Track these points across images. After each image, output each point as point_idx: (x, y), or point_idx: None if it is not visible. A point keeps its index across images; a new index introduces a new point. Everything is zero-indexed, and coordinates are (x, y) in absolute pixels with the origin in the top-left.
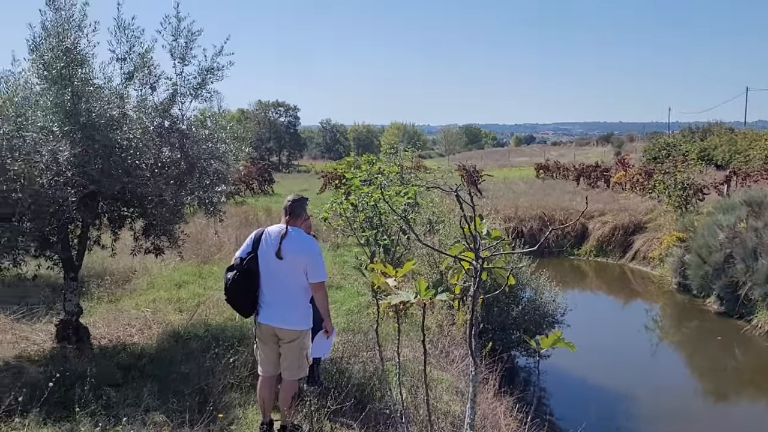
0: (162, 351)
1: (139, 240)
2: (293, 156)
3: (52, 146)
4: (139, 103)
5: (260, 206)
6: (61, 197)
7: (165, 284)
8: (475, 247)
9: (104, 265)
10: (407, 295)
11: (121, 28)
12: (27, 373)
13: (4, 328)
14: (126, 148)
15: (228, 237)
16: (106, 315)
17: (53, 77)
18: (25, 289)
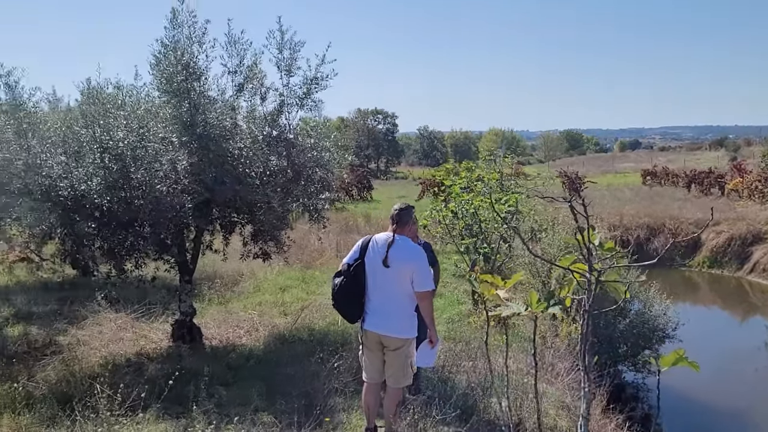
0: (269, 353)
1: (248, 245)
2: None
3: (171, 156)
4: (248, 114)
5: (359, 213)
6: (179, 204)
7: (270, 288)
8: (589, 259)
9: (214, 268)
10: (518, 306)
11: (231, 43)
12: (146, 369)
13: (125, 326)
14: (237, 157)
15: (329, 243)
16: (217, 316)
17: (173, 90)
18: (144, 289)
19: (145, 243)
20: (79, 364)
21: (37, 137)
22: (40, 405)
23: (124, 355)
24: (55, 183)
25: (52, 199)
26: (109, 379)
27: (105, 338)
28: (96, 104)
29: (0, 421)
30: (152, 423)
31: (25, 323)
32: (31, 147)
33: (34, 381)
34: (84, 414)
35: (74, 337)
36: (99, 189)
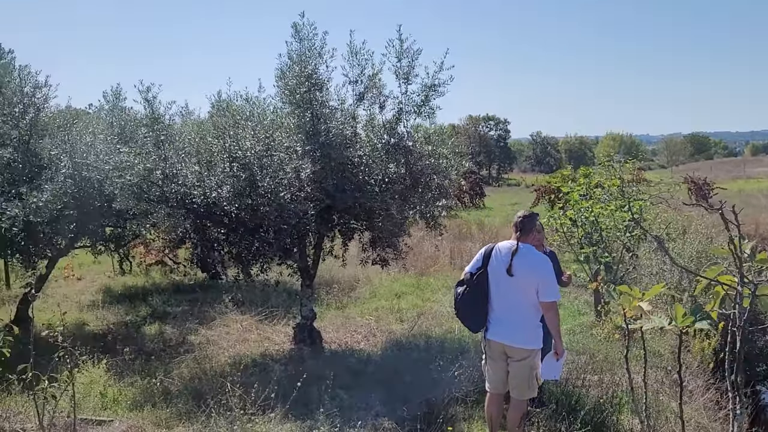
0: (386, 359)
1: (366, 251)
2: (503, 169)
3: (295, 164)
4: (367, 123)
5: (472, 220)
6: (302, 211)
7: (386, 294)
8: (740, 270)
9: (331, 274)
10: (660, 320)
11: (353, 53)
12: (271, 370)
13: (250, 328)
14: (357, 165)
15: (443, 250)
16: (335, 321)
17: (297, 101)
18: (266, 293)
19: (270, 248)
20: (209, 363)
21: (173, 148)
22: (177, 400)
23: (250, 356)
24: (189, 191)
25: (186, 206)
26: (238, 378)
27: (232, 339)
28: (226, 116)
29: (142, 414)
30: (279, 423)
31: (160, 322)
32: (168, 157)
33: (170, 377)
34: (218, 411)
35: (204, 337)
36: (228, 197)
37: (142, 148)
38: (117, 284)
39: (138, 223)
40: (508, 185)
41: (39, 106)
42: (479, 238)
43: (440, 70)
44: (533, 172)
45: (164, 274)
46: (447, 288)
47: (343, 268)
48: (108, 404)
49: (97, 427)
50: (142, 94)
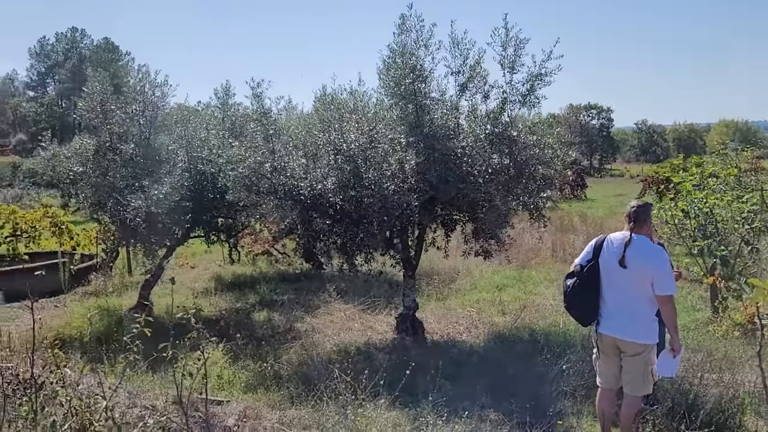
0: (489, 350)
1: (469, 243)
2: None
3: (399, 156)
4: (470, 113)
5: (574, 212)
6: (405, 202)
7: (486, 286)
8: None
9: (431, 265)
10: None
11: (455, 44)
12: (375, 358)
13: (353, 317)
14: (460, 156)
15: (544, 242)
16: (436, 312)
17: (401, 93)
18: (368, 283)
19: (374, 239)
20: (316, 350)
21: (281, 142)
22: (287, 384)
23: (354, 344)
24: (296, 183)
25: (293, 198)
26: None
27: (336, 327)
28: (331, 109)
29: (256, 395)
30: (385, 410)
31: (268, 310)
32: (276, 150)
33: (279, 362)
34: (327, 395)
35: (310, 325)
36: (333, 188)
37: (252, 142)
38: (227, 273)
39: (248, 214)
40: (611, 176)
41: (157, 104)
42: (582, 230)
43: (548, 59)
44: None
45: (270, 263)
46: (549, 281)
47: (445, 259)
48: (224, 385)
49: (217, 406)
50: (252, 89)
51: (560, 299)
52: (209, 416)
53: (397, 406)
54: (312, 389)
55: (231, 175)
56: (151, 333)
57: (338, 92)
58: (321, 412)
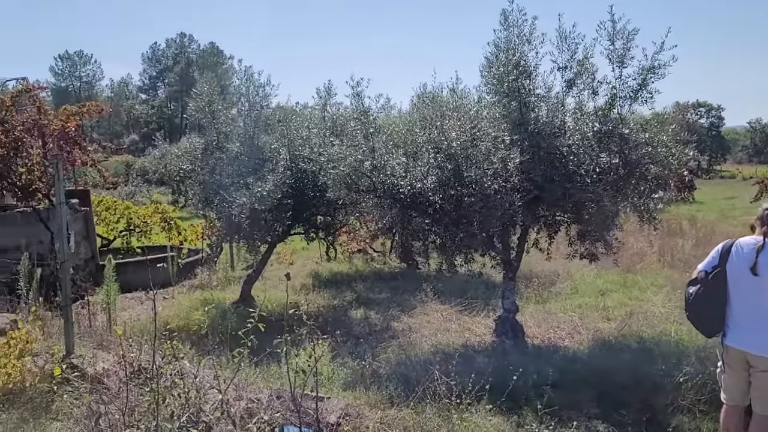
0: (594, 358)
1: (573, 245)
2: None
3: (502, 154)
4: (577, 110)
5: (682, 215)
6: (508, 202)
7: (588, 291)
8: None
9: (530, 267)
10: None
11: (562, 38)
12: (474, 361)
13: (450, 318)
14: (566, 154)
15: (649, 247)
16: (536, 315)
17: (504, 90)
18: (465, 284)
19: (474, 239)
20: (413, 350)
21: (381, 140)
22: (386, 383)
23: (452, 345)
24: (396, 182)
25: (393, 196)
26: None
27: (433, 327)
28: (432, 107)
29: (355, 393)
30: (484, 416)
31: (365, 308)
32: (376, 149)
33: (377, 361)
34: (428, 396)
35: (406, 324)
36: (433, 187)
37: (353, 141)
38: (324, 270)
39: (347, 212)
40: (720, 177)
41: (260, 104)
42: (691, 234)
43: (660, 50)
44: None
45: (366, 262)
46: (657, 287)
47: (547, 261)
48: (324, 382)
49: (319, 403)
50: (352, 88)
51: (670, 307)
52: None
53: (498, 412)
54: (411, 390)
55: (331, 173)
56: (255, 327)
57: (438, 90)
58: (423, 414)
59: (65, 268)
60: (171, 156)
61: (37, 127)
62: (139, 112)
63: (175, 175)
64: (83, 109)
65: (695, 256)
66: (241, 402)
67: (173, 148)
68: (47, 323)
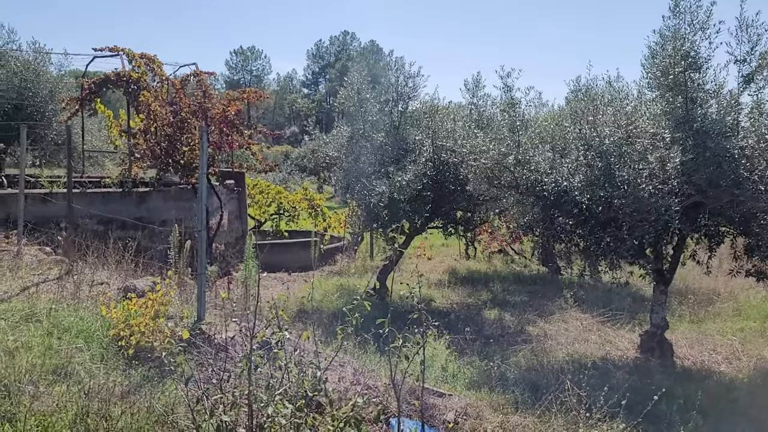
0: (756, 387)
1: (739, 260)
2: None
3: (660, 153)
4: (755, 108)
5: None
6: (664, 206)
7: (753, 314)
8: None
9: (685, 283)
10: None
11: (742, 26)
12: (612, 376)
13: (590, 328)
14: (738, 157)
15: None
16: (688, 335)
17: (668, 84)
18: (609, 294)
19: (622, 245)
20: (546, 357)
21: (527, 134)
22: (513, 387)
23: (589, 357)
24: (540, 178)
25: (536, 194)
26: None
27: (570, 336)
28: (585, 101)
29: (479, 394)
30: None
31: (499, 309)
32: (521, 143)
33: (506, 363)
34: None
35: (542, 330)
36: (580, 186)
37: (498, 133)
38: (462, 267)
39: (487, 208)
40: None
41: (409, 95)
42: None
43: None
44: None
45: (505, 263)
46: None
47: (705, 277)
48: (448, 378)
49: (438, 398)
50: (502, 79)
51: None
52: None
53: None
54: (539, 397)
55: (473, 165)
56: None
57: (593, 83)
58: (548, 424)
59: (201, 237)
60: (320, 142)
61: (201, 110)
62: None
63: (321, 162)
64: (243, 95)
65: None
66: (357, 386)
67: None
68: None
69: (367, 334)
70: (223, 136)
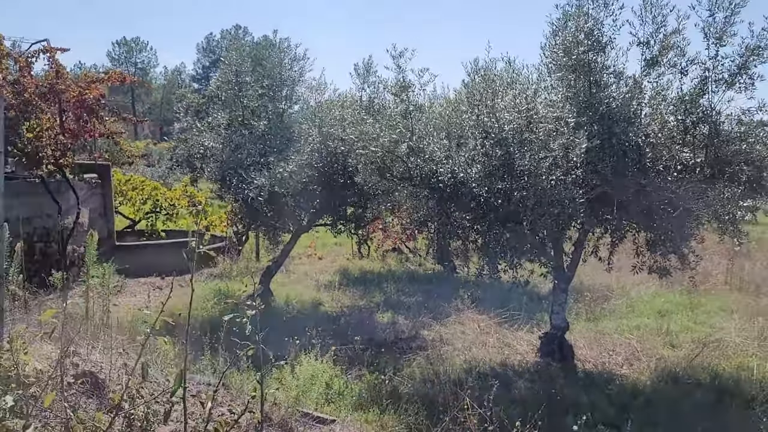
0: (659, 392)
1: (641, 256)
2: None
3: (564, 140)
4: (657, 94)
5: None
6: (568, 198)
7: (647, 311)
8: None
9: (581, 279)
10: None
11: (647, 6)
12: (514, 385)
13: (488, 330)
14: (642, 145)
15: (713, 265)
16: (587, 334)
17: (572, 64)
18: (507, 294)
19: (523, 241)
20: (442, 365)
21: (422, 120)
22: (406, 405)
23: (488, 363)
24: (435, 168)
25: (430, 185)
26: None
27: (468, 340)
28: (484, 82)
29: (366, 416)
30: None
31: (393, 311)
32: (415, 130)
33: (399, 375)
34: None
35: (438, 333)
36: (478, 177)
37: (390, 120)
38: (354, 267)
39: (379, 202)
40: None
41: (295, 79)
42: (759, 257)
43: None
44: None
45: (400, 261)
46: (726, 311)
47: (599, 274)
48: (333, 397)
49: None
50: (393, 59)
51: (747, 337)
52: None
53: None
54: (436, 418)
55: (362, 154)
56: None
57: (493, 65)
58: None
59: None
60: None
61: (52, 92)
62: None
63: (195, 152)
64: (105, 77)
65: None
66: (215, 410)
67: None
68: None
69: (240, 349)
70: (81, 123)
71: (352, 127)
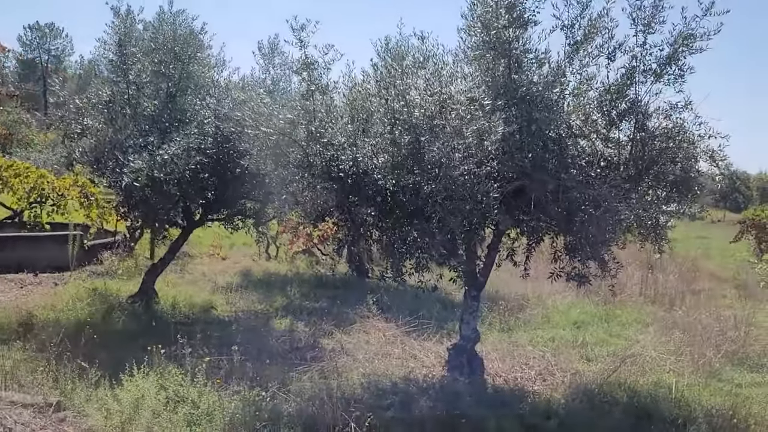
0: (574, 413)
1: (559, 261)
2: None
3: (479, 125)
4: (583, 83)
5: None
6: (481, 192)
7: (562, 321)
8: None
9: (496, 287)
10: None
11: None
12: (415, 404)
13: (394, 340)
14: (564, 136)
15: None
16: (499, 346)
17: (491, 41)
18: (418, 299)
19: (431, 241)
20: (338, 379)
21: (324, 101)
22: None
23: (389, 378)
24: (336, 154)
25: (331, 175)
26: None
27: (371, 350)
28: (395, 61)
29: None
30: None
31: (293, 318)
32: (316, 112)
33: (285, 392)
34: None
35: (338, 343)
36: (384, 168)
37: (289, 100)
38: (258, 269)
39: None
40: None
41: (191, 55)
42: (671, 269)
43: (704, 16)
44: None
45: (310, 264)
46: (641, 324)
47: (515, 282)
48: (199, 420)
49: None
50: (294, 32)
51: (663, 351)
52: None
53: None
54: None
55: (252, 134)
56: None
57: (405, 42)
58: None
59: None
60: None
61: None
62: None
63: (71, 132)
64: None
65: (681, 292)
66: None
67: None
68: None
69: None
70: None
71: (244, 104)
